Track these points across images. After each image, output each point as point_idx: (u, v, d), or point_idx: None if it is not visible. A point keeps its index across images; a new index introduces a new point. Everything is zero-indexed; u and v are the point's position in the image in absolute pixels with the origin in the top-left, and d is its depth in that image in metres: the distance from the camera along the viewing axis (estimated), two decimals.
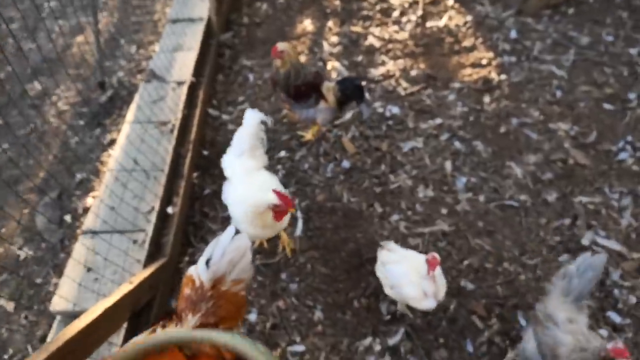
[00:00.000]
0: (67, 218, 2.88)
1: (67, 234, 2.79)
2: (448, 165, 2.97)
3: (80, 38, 4.10)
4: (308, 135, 3.21)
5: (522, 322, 2.25)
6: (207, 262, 1.72)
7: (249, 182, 2.25)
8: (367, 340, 2.23)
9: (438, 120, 3.24)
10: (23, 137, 3.36)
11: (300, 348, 2.23)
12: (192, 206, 2.87)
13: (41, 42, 4.09)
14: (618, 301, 2.31)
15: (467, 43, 3.83)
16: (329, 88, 2.81)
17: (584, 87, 3.38)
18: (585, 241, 2.53)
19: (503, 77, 3.50)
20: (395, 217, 2.74)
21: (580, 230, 2.58)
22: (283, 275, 2.52)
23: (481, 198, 2.79)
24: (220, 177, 2.97)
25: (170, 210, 2.72)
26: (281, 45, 2.61)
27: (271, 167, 2.83)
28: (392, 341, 2.23)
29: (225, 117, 3.45)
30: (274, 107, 3.45)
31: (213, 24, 3.97)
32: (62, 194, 3.03)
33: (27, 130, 3.41)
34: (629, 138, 3.02)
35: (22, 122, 3.42)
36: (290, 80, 2.74)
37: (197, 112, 3.28)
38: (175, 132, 3.07)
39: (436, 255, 1.91)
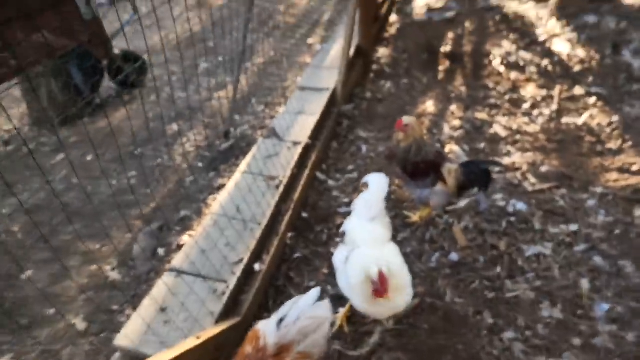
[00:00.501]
0: (161, 251, 2.99)
1: (156, 266, 2.87)
2: (584, 283, 2.45)
3: (221, 93, 4.62)
4: (415, 217, 2.99)
5: None
6: (279, 322, 1.56)
7: (377, 256, 2.02)
8: None
9: (573, 227, 2.78)
10: (148, 169, 3.72)
11: None
12: (279, 267, 2.76)
13: (190, 93, 4.69)
14: None
15: (612, 145, 3.38)
16: (450, 170, 2.61)
17: None
18: None
19: None
20: (509, 334, 2.28)
21: None
22: None
23: (630, 337, 2.20)
24: (314, 243, 2.88)
25: (257, 266, 2.65)
26: (407, 119, 2.54)
27: None
28: None
29: (331, 182, 3.42)
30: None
31: (337, 95, 4.16)
32: (163, 227, 3.19)
33: (154, 163, 3.79)
34: None
35: (153, 156, 3.82)
36: (410, 156, 2.62)
37: (306, 173, 3.31)
38: (281, 189, 3.10)
39: None
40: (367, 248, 2.10)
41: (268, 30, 5.81)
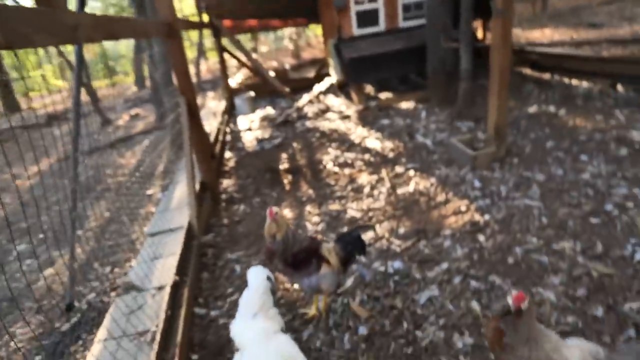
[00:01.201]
0: None
1: None
2: (475, 305, 2.72)
3: (50, 270, 3.98)
4: (312, 311, 2.93)
5: None
6: None
7: (266, 350, 1.88)
8: None
9: (444, 266, 3.15)
10: None
11: None
12: None
13: (3, 284, 3.89)
14: None
15: (440, 198, 4.15)
16: (329, 250, 2.75)
17: (563, 210, 3.59)
18: None
19: (487, 217, 3.68)
20: None
21: None
22: None
23: None
24: None
25: None
26: (275, 208, 2.67)
27: None
28: None
29: (214, 313, 3.14)
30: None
31: (194, 228, 4.09)
32: None
33: None
34: (633, 240, 3.05)
35: None
36: (288, 247, 2.68)
37: (183, 312, 2.98)
38: (158, 338, 2.69)
39: None
40: (254, 346, 1.97)
41: (97, 194, 5.57)
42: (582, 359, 1.77)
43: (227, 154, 6.31)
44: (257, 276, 2.34)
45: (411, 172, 4.81)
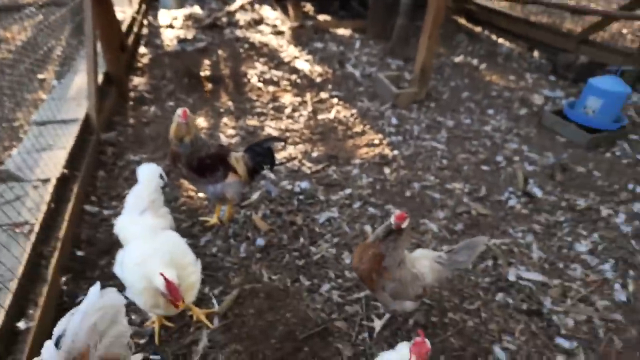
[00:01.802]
0: None
1: None
2: (368, 229, 2.94)
3: None
4: (213, 219, 2.93)
5: None
6: (58, 342, 1.26)
7: (152, 244, 1.86)
8: None
9: (348, 191, 3.31)
10: None
11: None
12: (58, 318, 2.19)
13: None
14: (559, 327, 2.33)
15: (357, 129, 4.26)
16: (237, 158, 2.70)
17: (462, 155, 3.92)
18: (511, 277, 2.62)
19: (396, 152, 3.88)
20: (325, 287, 2.49)
21: (504, 269, 2.68)
22: None
23: None
24: (103, 278, 2.43)
25: (22, 324, 2.03)
26: (187, 110, 2.50)
27: None
28: None
29: (107, 212, 2.99)
30: (169, 195, 3.15)
31: (92, 122, 3.71)
32: None
33: None
34: (510, 189, 3.47)
35: None
36: (195, 151, 2.57)
37: (70, 207, 2.79)
38: (37, 229, 2.51)
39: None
40: (139, 240, 1.95)
41: None
42: (431, 266, 2.05)
43: (142, 50, 5.67)
44: (148, 173, 2.24)
45: (334, 100, 4.81)
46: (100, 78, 4.15)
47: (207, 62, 5.49)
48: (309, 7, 7.83)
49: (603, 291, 2.61)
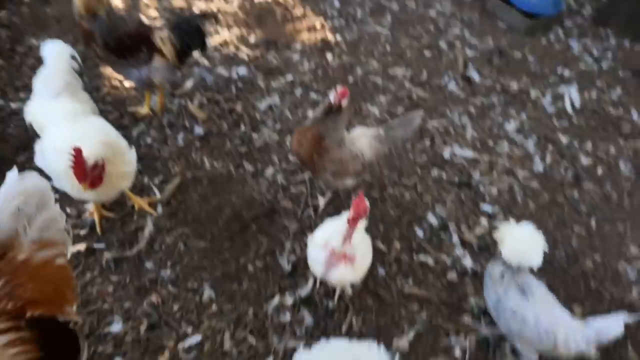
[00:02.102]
0: None
1: None
2: (310, 114, 2.90)
3: None
4: (143, 109, 2.72)
5: (419, 233, 2.28)
6: None
7: (74, 129, 1.70)
8: (275, 300, 1.90)
9: (289, 77, 3.18)
10: None
11: (195, 339, 1.75)
12: None
13: None
14: (485, 195, 2.59)
15: (297, 12, 3.95)
16: (163, 38, 2.42)
17: (406, 41, 3.84)
18: (446, 155, 2.79)
19: (338, 37, 3.70)
20: (270, 171, 2.50)
21: (440, 148, 2.84)
22: (148, 265, 1.98)
23: None
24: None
25: None
26: None
27: None
28: (303, 292, 1.95)
29: (15, 105, 2.66)
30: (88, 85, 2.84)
31: None
32: None
33: None
34: (450, 74, 3.52)
35: None
36: (111, 29, 2.24)
37: None
38: None
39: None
40: (59, 126, 1.79)
41: None
42: (369, 143, 2.11)
43: None
44: (56, 51, 1.96)
45: None
46: None
47: None
48: None
49: (524, 164, 2.87)
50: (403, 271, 2.15)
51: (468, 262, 2.25)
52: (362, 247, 1.70)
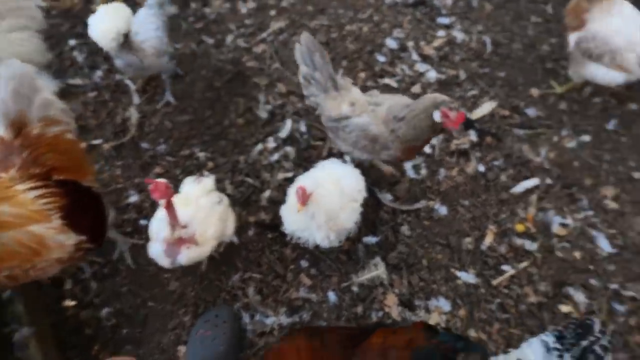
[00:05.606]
0: None
1: None
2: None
3: None
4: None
5: (380, 59, 2.47)
6: None
7: None
8: (259, 146, 2.20)
9: None
10: None
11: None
12: None
13: None
14: (440, 8, 2.70)
15: None
16: None
17: None
18: None
19: None
20: (229, 38, 2.63)
21: None
22: (144, 145, 2.27)
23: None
24: None
25: None
26: None
27: None
28: (284, 133, 2.24)
29: None
30: None
31: None
32: None
33: None
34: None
35: None
36: None
37: None
38: None
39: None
40: None
41: None
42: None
43: None
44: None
45: None
46: None
47: None
48: None
49: None
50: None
51: (432, 74, 2.44)
52: (200, 214, 1.57)
